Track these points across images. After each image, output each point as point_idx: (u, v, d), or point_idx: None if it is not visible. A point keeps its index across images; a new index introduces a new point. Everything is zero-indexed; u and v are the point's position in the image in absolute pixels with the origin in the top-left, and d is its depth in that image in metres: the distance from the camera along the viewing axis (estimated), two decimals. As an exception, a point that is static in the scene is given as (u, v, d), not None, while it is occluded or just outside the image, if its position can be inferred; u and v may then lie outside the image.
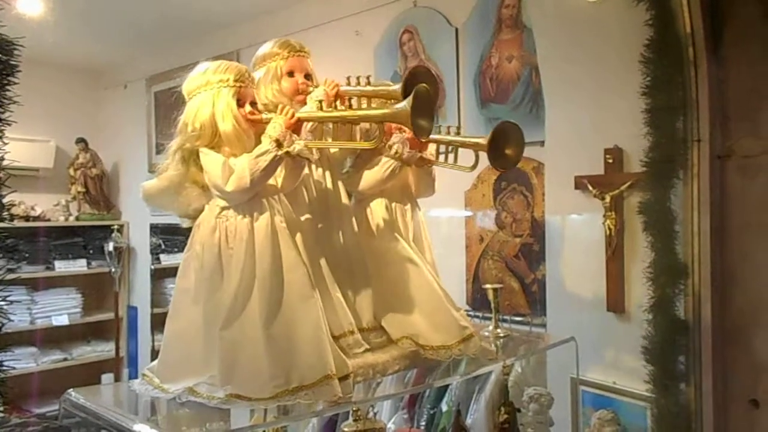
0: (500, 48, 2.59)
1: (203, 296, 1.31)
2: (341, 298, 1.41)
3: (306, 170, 1.42)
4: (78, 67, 4.74)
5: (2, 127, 1.03)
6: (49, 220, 4.45)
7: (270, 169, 1.27)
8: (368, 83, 1.43)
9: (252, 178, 1.24)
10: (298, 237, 1.34)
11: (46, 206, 4.49)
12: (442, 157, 1.69)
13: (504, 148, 1.53)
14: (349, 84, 1.45)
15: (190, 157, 1.33)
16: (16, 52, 1.04)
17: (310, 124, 1.36)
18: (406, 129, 1.50)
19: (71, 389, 1.41)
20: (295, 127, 1.31)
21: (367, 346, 1.44)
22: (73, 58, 4.52)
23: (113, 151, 4.81)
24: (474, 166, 1.61)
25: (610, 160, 2.16)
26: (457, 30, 2.73)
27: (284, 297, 1.26)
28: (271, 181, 1.32)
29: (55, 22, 3.01)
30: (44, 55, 4.04)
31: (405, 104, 1.22)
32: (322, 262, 1.41)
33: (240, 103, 1.33)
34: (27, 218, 4.29)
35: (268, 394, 1.21)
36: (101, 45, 4.19)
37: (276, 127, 1.28)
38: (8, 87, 1.03)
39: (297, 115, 1.32)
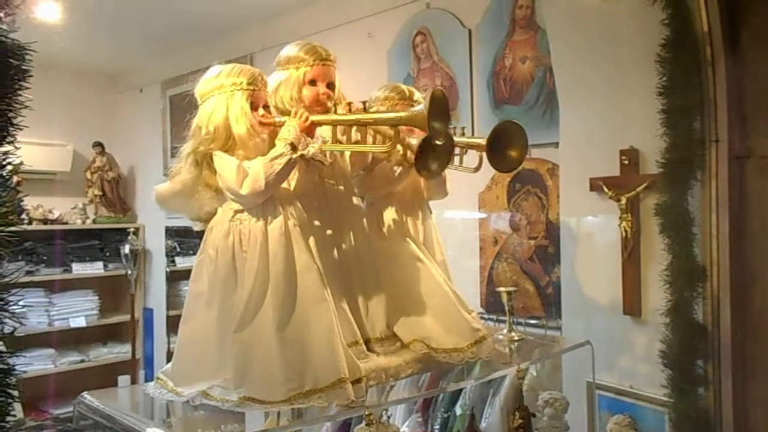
0: (514, 49, 2.58)
1: (217, 300, 1.31)
2: (347, 308, 1.41)
3: (317, 180, 1.42)
4: (94, 71, 4.80)
5: (15, 132, 1.03)
6: (66, 223, 4.50)
7: (284, 172, 1.28)
8: (357, 109, 1.33)
9: (267, 180, 1.25)
10: (311, 242, 1.34)
11: (64, 209, 4.55)
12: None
13: (506, 148, 1.49)
14: (349, 110, 1.34)
15: (204, 161, 1.33)
16: (27, 57, 1.04)
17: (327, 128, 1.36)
18: (416, 131, 1.49)
19: (85, 392, 1.42)
20: (309, 131, 1.32)
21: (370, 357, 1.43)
22: (90, 63, 4.58)
23: (129, 154, 4.86)
24: (477, 168, 1.63)
25: (626, 162, 2.13)
26: (470, 31, 2.72)
27: (297, 300, 1.26)
28: (284, 185, 1.33)
29: (72, 28, 3.05)
30: (61, 60, 4.09)
31: (422, 107, 1.23)
32: (332, 271, 1.40)
33: (253, 107, 1.34)
34: (44, 221, 4.35)
35: (281, 397, 1.21)
36: (117, 49, 4.23)
37: (290, 130, 1.29)
38: (20, 92, 1.03)
39: (311, 118, 1.32)
